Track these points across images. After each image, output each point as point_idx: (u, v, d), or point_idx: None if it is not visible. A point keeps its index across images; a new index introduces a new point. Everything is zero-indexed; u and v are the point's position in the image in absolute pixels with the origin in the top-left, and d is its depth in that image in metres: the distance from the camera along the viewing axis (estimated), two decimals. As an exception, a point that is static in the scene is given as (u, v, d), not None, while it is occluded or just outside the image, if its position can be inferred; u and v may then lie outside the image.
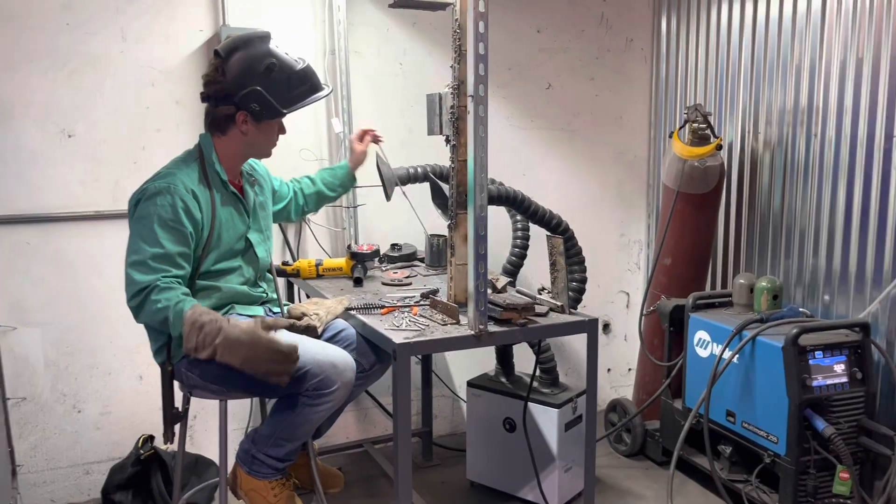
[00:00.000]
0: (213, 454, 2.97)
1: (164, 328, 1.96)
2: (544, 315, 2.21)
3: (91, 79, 2.84)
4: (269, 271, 2.30)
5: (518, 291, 2.43)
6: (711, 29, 3.43)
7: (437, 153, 2.93)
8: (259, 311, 2.21)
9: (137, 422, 3.03)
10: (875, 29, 2.67)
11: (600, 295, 3.90)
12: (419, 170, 2.94)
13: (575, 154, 3.75)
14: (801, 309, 2.87)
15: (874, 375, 2.68)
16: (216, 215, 2.11)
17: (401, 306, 2.34)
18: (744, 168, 3.31)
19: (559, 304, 2.25)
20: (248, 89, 2.09)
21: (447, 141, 2.29)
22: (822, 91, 2.91)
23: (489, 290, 2.33)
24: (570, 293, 2.74)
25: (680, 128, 3.18)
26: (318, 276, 2.80)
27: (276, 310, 2.27)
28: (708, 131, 3.13)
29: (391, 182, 2.86)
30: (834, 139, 2.88)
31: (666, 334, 3.22)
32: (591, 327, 2.20)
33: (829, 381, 2.59)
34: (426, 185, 2.87)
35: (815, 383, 2.56)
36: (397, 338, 2.01)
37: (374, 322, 2.19)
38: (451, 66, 2.20)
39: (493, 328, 2.08)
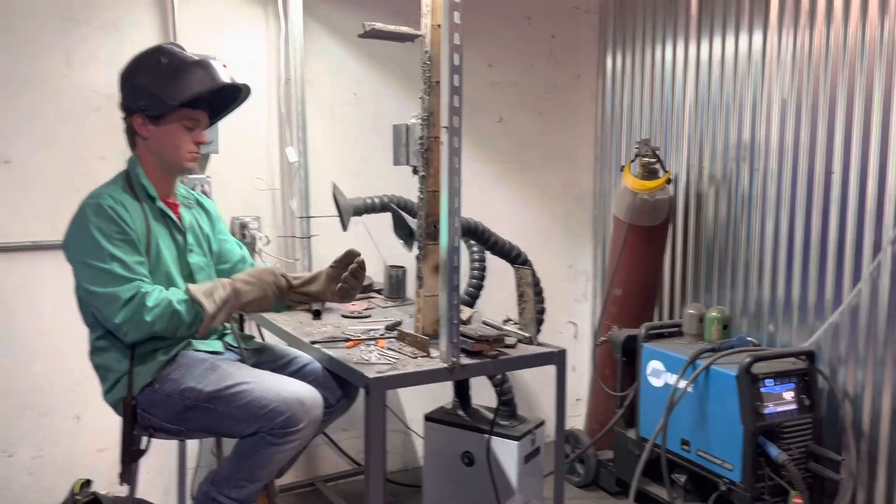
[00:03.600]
0: (155, 497, 2.81)
1: (173, 326, 1.91)
2: (513, 346, 2.20)
3: (31, 102, 2.71)
4: None
5: (485, 323, 2.41)
6: (656, 67, 3.56)
7: (392, 183, 2.93)
8: (218, 345, 2.12)
9: (74, 465, 2.84)
10: (814, 70, 2.82)
11: (549, 325, 3.87)
12: (377, 200, 2.91)
13: (524, 186, 3.80)
14: (749, 338, 2.96)
15: (820, 402, 2.78)
16: (150, 229, 1.99)
17: (366, 339, 2.29)
18: (689, 201, 3.42)
19: (527, 335, 2.25)
20: (134, 87, 1.99)
21: (415, 171, 2.27)
22: (763, 128, 3.05)
23: (456, 322, 2.31)
24: (531, 324, 2.76)
25: (630, 161, 3.26)
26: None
27: (235, 343, 2.18)
28: (657, 165, 3.22)
29: (348, 212, 2.82)
30: (776, 174, 3.01)
31: (618, 364, 3.26)
32: (559, 358, 2.21)
33: (779, 409, 2.67)
34: (383, 216, 2.85)
35: (766, 410, 2.63)
36: (369, 372, 1.96)
37: (342, 355, 2.13)
38: (421, 98, 2.20)
39: (465, 360, 2.06)
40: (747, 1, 3.08)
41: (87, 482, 2.67)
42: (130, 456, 1.97)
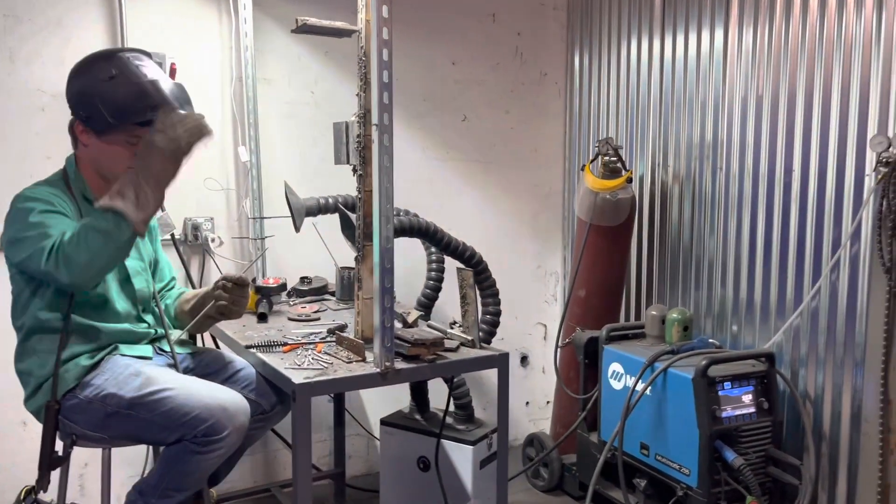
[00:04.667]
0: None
1: (100, 243, 1.71)
2: (454, 350, 2.14)
3: (-28, 101, 2.65)
4: (156, 305, 2.14)
5: (429, 326, 2.35)
6: (622, 64, 3.50)
7: (351, 183, 2.86)
8: (147, 350, 2.06)
9: (20, 472, 2.77)
10: (773, 67, 2.77)
11: (518, 327, 3.87)
12: (330, 200, 2.86)
13: (491, 186, 3.74)
14: (710, 340, 2.89)
15: (780, 405, 2.72)
16: None
17: (305, 343, 2.23)
18: (654, 200, 3.36)
19: (469, 338, 2.19)
20: (79, 94, 1.90)
21: (354, 170, 2.22)
22: (725, 126, 2.99)
23: (399, 325, 2.26)
24: (483, 326, 2.70)
25: (591, 161, 3.21)
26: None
27: (167, 347, 2.12)
28: (619, 164, 3.16)
29: (300, 213, 2.77)
30: (737, 173, 2.95)
31: (581, 366, 3.21)
32: (501, 362, 2.15)
33: (737, 412, 2.61)
34: (337, 216, 2.79)
35: (724, 414, 2.57)
36: (297, 377, 1.90)
37: (275, 361, 2.07)
38: (357, 95, 2.14)
39: (400, 365, 2.00)
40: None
41: (33, 489, 2.62)
42: (49, 464, 1.91)
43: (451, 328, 2.34)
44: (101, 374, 1.92)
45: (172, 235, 2.88)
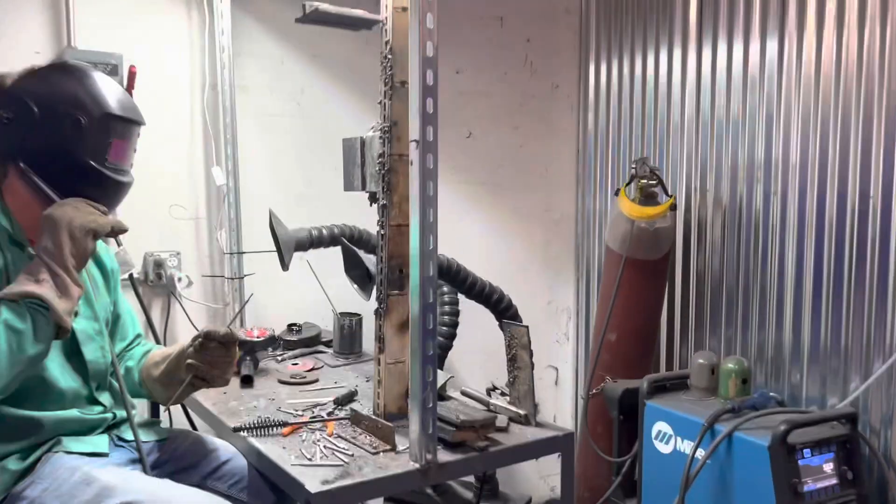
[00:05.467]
0: None
1: (12, 343, 1.25)
2: (505, 429, 1.67)
3: None
4: (115, 378, 1.61)
5: (464, 393, 1.87)
6: (648, 76, 3.09)
7: (346, 211, 2.41)
8: (102, 442, 1.53)
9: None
10: (845, 78, 2.39)
11: (527, 371, 3.41)
12: (325, 232, 2.38)
13: (498, 211, 3.29)
14: (771, 394, 2.48)
15: (864, 473, 2.31)
16: (9, 279, 1.39)
17: (310, 421, 1.73)
18: (690, 229, 2.95)
19: (522, 412, 1.72)
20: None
21: (373, 199, 1.74)
22: (780, 145, 2.60)
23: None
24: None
25: (626, 184, 2.78)
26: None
27: (129, 436, 1.59)
28: (656, 188, 2.75)
29: (289, 247, 2.28)
30: (797, 197, 2.56)
31: (615, 424, 2.76)
32: (565, 444, 1.68)
33: (819, 485, 2.19)
34: (333, 252, 2.32)
35: (806, 488, 2.15)
36: (311, 481, 1.41)
37: (275, 450, 1.57)
38: (380, 103, 1.67)
39: (444, 456, 1.52)
40: (757, 4, 2.64)
41: None
42: None
43: (491, 395, 1.87)
44: (37, 482, 1.39)
45: (131, 275, 2.35)
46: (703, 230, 2.90)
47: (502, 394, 1.86)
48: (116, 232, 1.41)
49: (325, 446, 1.57)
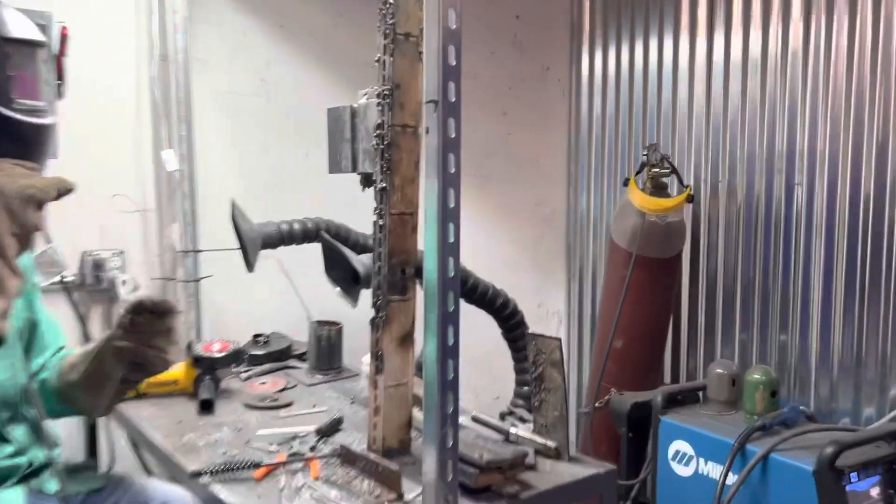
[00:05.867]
0: None
1: None
2: (533, 467, 1.35)
3: None
4: (32, 404, 1.22)
5: (476, 419, 1.54)
6: (651, 60, 2.81)
7: (320, 202, 2.08)
8: (15, 497, 1.16)
9: None
10: (883, 61, 2.14)
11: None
12: (296, 226, 2.03)
13: (485, 205, 2.97)
14: (801, 407, 2.22)
15: (912, 497, 2.07)
16: None
17: (289, 461, 1.38)
18: (699, 224, 2.69)
19: (552, 444, 1.40)
20: None
21: (367, 183, 1.41)
22: (806, 134, 2.35)
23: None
24: (518, 403, 1.93)
25: (637, 173, 2.49)
26: (138, 397, 1.75)
27: (52, 487, 1.22)
28: (667, 178, 2.48)
29: (255, 244, 1.93)
30: (825, 190, 2.31)
31: (623, 441, 2.46)
32: (607, 484, 1.37)
33: (867, 512, 1.93)
34: (308, 249, 1.98)
35: (854, 516, 1.89)
36: (299, 550, 1.06)
37: (247, 502, 1.22)
38: (378, 61, 1.33)
39: (465, 507, 1.19)
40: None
41: None
42: None
43: (506, 421, 1.55)
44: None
45: (62, 278, 1.96)
46: (714, 225, 2.64)
47: (521, 419, 1.54)
48: (62, 193, 1.02)
49: (311, 496, 1.23)
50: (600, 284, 2.87)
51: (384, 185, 1.32)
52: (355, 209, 1.78)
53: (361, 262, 1.67)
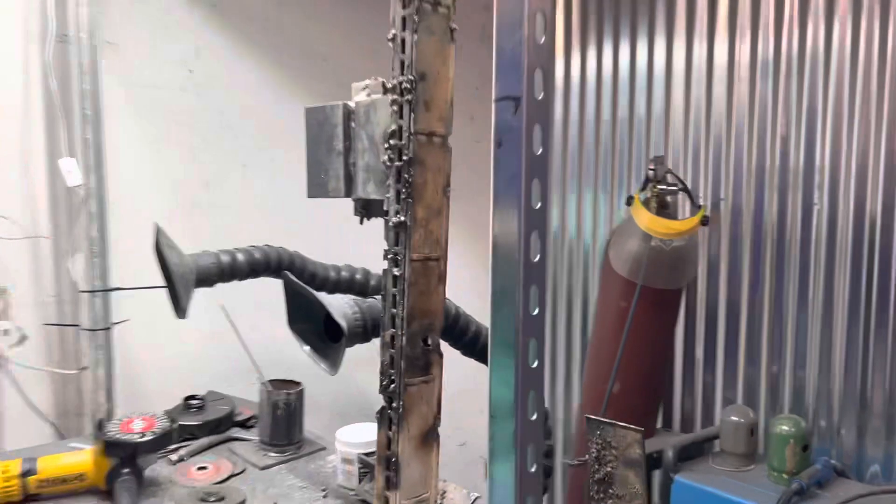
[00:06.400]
0: None
1: None
2: None
3: None
4: None
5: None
6: (639, 64, 2.49)
7: (270, 225, 1.65)
8: None
9: None
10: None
11: (481, 431, 2.72)
12: (240, 257, 1.60)
13: (452, 226, 2.57)
14: (832, 461, 1.94)
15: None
16: None
17: None
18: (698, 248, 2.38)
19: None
20: None
21: (365, 213, 0.99)
22: (828, 147, 2.07)
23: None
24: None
25: (641, 189, 2.16)
26: (26, 500, 1.26)
27: None
28: (671, 197, 2.15)
29: (187, 282, 1.50)
30: (852, 210, 2.04)
31: (625, 501, 2.12)
32: None
33: (927, 590, 1.65)
34: (258, 285, 1.55)
35: None
36: None
37: None
38: (393, 40, 0.92)
39: None
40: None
41: None
42: None
43: None
44: None
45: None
46: (715, 249, 2.34)
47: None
48: None
49: None
50: (592, 314, 2.54)
51: (401, 218, 0.91)
52: (309, 231, 1.37)
53: (343, 312, 1.25)
